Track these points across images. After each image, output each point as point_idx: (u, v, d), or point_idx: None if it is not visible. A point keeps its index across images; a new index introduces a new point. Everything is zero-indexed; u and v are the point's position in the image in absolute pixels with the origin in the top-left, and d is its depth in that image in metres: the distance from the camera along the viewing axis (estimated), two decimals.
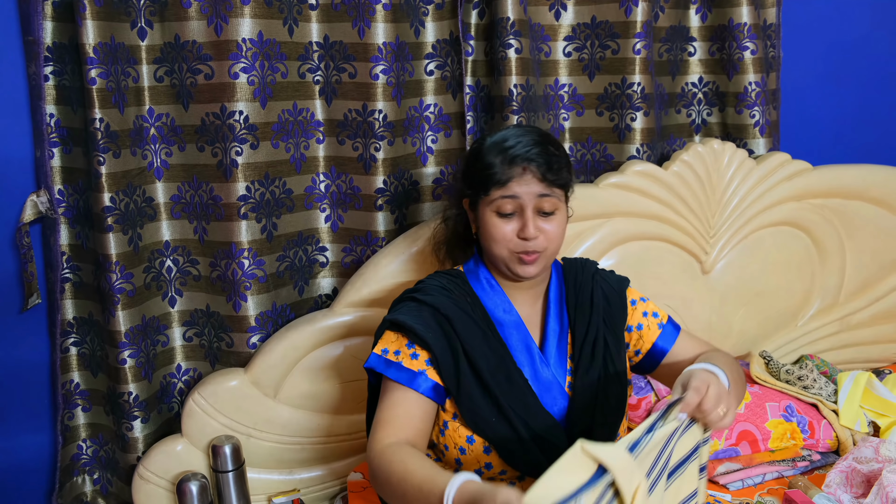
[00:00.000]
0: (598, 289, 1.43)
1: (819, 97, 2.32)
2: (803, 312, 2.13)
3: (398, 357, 1.29)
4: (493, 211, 1.31)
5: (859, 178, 2.11)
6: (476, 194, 1.34)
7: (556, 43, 2.01)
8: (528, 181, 1.29)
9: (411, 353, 1.29)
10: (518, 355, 1.34)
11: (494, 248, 1.32)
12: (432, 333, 1.29)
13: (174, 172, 1.80)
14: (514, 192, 1.29)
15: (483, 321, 1.34)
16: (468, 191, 1.37)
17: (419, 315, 1.31)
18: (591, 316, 1.39)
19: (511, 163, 1.30)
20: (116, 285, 1.73)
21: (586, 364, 1.36)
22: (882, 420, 1.86)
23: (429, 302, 1.32)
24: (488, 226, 1.32)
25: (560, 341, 1.38)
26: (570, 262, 1.48)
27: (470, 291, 1.37)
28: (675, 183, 1.95)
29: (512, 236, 1.31)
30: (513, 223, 1.31)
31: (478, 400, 1.28)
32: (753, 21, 2.05)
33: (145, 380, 1.81)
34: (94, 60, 1.63)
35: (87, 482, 1.95)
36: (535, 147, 1.31)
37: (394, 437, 1.21)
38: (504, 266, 1.34)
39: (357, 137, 1.83)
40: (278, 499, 1.81)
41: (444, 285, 1.37)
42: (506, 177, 1.29)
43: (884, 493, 1.52)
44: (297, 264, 1.89)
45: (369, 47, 1.77)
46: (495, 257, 1.34)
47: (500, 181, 1.29)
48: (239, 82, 1.70)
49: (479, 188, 1.32)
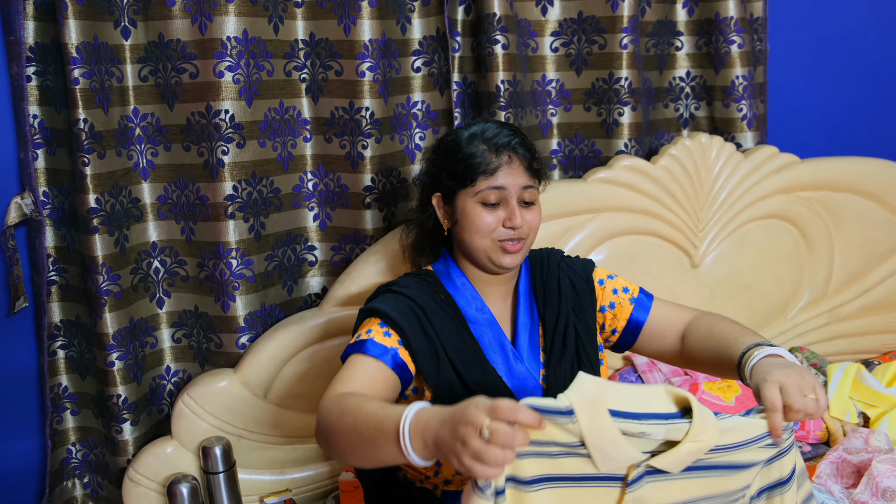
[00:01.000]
0: (565, 277, 1.42)
1: (806, 90, 2.32)
2: (792, 305, 2.14)
3: (370, 335, 1.26)
4: (478, 202, 1.31)
5: (847, 171, 2.12)
6: (457, 186, 1.33)
7: (543, 38, 2.01)
8: (514, 170, 1.30)
9: (384, 331, 1.27)
10: (491, 353, 1.34)
11: (476, 240, 1.31)
12: (408, 321, 1.28)
13: (160, 173, 1.79)
14: (501, 183, 1.29)
15: (456, 318, 1.34)
16: (448, 183, 1.34)
17: (395, 303, 1.31)
18: (559, 306, 1.39)
19: (497, 152, 1.30)
20: (103, 287, 1.71)
21: (558, 355, 1.36)
22: (871, 411, 1.87)
23: (405, 293, 1.32)
24: (471, 216, 1.31)
25: (532, 335, 1.38)
26: (535, 254, 1.47)
27: (442, 290, 1.37)
28: (664, 177, 1.95)
29: (496, 226, 1.30)
30: (496, 213, 1.30)
31: (456, 388, 1.28)
32: (740, 15, 2.05)
33: (134, 382, 1.79)
34: (77, 60, 1.61)
35: (77, 486, 1.94)
36: (516, 137, 1.32)
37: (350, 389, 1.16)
38: (485, 258, 1.33)
39: (344, 135, 1.82)
40: (270, 499, 1.81)
41: (417, 282, 1.36)
42: (494, 165, 1.29)
43: (874, 482, 1.53)
44: (285, 264, 1.88)
45: (355, 44, 1.76)
46: (476, 250, 1.32)
47: (487, 170, 1.29)
48: (224, 81, 1.69)
49: (462, 179, 1.31)
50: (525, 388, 1.34)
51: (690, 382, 1.85)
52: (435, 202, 1.38)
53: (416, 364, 1.27)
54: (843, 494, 1.58)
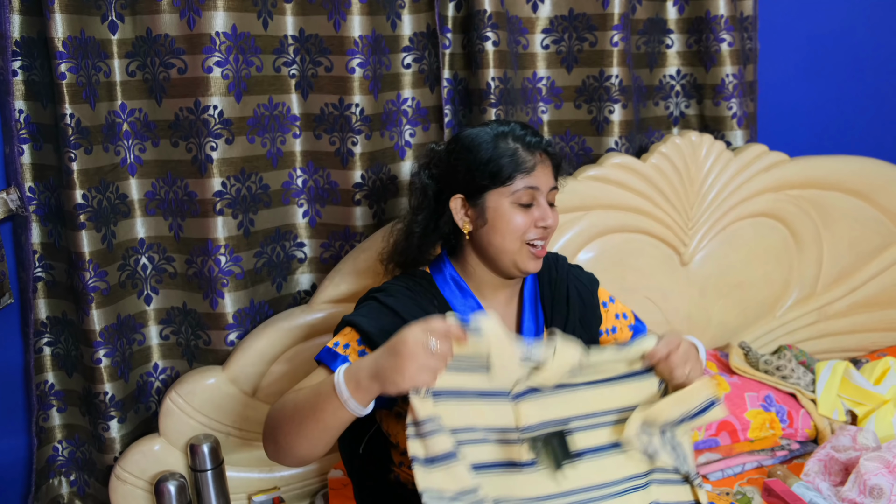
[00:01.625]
0: (573, 287, 1.42)
1: (796, 89, 2.33)
2: (781, 303, 2.15)
3: (346, 351, 1.25)
4: (514, 202, 1.28)
5: (836, 169, 2.13)
6: (490, 185, 1.28)
7: (534, 35, 2.00)
8: (546, 170, 1.30)
9: (360, 349, 1.26)
10: None
11: (508, 242, 1.28)
12: (386, 339, 1.24)
13: (148, 168, 1.78)
14: (536, 182, 1.28)
15: None
16: (480, 182, 1.28)
17: (378, 318, 1.27)
18: (567, 314, 1.38)
19: (531, 150, 1.29)
20: (90, 284, 1.70)
21: None
22: (859, 409, 1.88)
23: (390, 304, 1.29)
24: (506, 217, 1.28)
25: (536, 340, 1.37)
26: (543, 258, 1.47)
27: (437, 294, 1.34)
28: (654, 175, 1.95)
29: (527, 227, 1.28)
30: (529, 214, 1.29)
31: None
32: (730, 13, 2.05)
33: (121, 379, 1.78)
34: (64, 55, 1.60)
35: (63, 484, 1.92)
36: (543, 138, 1.32)
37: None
38: (510, 262, 1.30)
39: (334, 132, 1.81)
40: (258, 497, 1.80)
41: (409, 287, 1.33)
42: (530, 164, 1.28)
43: (861, 480, 1.53)
44: (274, 260, 1.87)
45: (345, 40, 1.75)
46: (504, 252, 1.29)
47: (524, 168, 1.27)
48: (213, 76, 1.68)
49: (497, 177, 1.27)
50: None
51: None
52: (456, 204, 1.32)
53: None
54: (830, 492, 1.59)
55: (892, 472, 1.53)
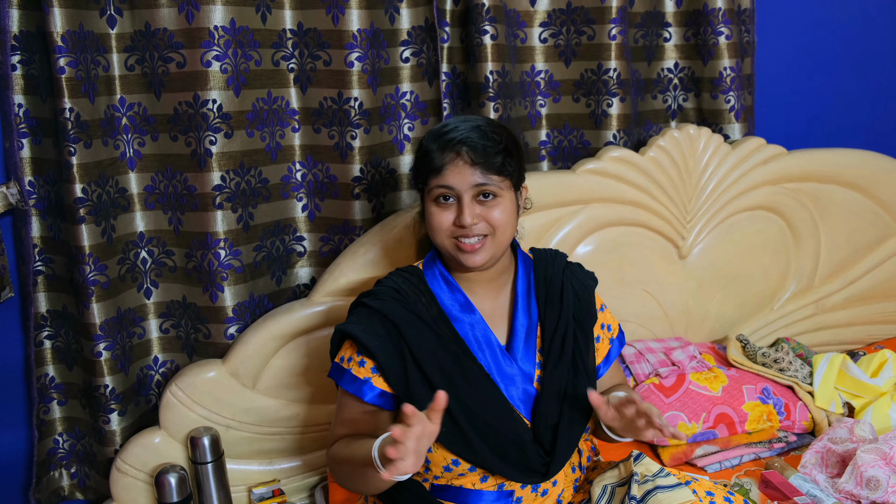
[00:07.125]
0: (569, 284, 1.42)
1: (794, 82, 2.33)
2: (779, 296, 2.16)
3: (349, 364, 1.33)
4: (432, 200, 1.31)
5: (833, 162, 2.13)
6: (420, 187, 1.34)
7: (532, 29, 2.00)
8: (460, 168, 1.27)
9: (360, 360, 1.31)
10: (478, 352, 1.33)
11: (437, 238, 1.32)
12: (379, 342, 1.30)
13: (147, 162, 1.78)
14: (449, 182, 1.28)
15: (439, 319, 1.33)
16: (417, 183, 1.36)
17: (368, 323, 1.32)
18: (561, 310, 1.38)
19: (444, 149, 1.28)
20: (90, 277, 1.70)
21: (556, 358, 1.35)
22: (856, 401, 1.89)
23: (377, 308, 1.32)
24: (429, 216, 1.32)
25: (529, 335, 1.37)
26: (539, 254, 1.47)
27: (426, 290, 1.36)
28: (652, 168, 1.95)
29: (449, 224, 1.29)
30: (451, 211, 1.30)
31: (427, 400, 1.26)
32: (728, 6, 2.05)
33: (122, 372, 1.79)
34: (63, 49, 1.60)
35: (64, 476, 1.93)
36: (471, 132, 1.28)
37: (344, 434, 1.34)
38: (450, 257, 1.33)
39: (333, 126, 1.82)
40: (258, 489, 1.81)
41: (398, 286, 1.35)
42: (440, 163, 1.28)
43: (858, 472, 1.54)
44: (274, 254, 1.87)
45: (344, 34, 1.75)
46: (442, 248, 1.33)
47: (435, 168, 1.29)
48: (212, 70, 1.68)
49: (420, 178, 1.33)
50: (515, 388, 1.34)
51: (678, 373, 1.86)
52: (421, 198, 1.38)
53: (390, 384, 1.30)
54: (827, 484, 1.60)
55: (888, 464, 1.54)
